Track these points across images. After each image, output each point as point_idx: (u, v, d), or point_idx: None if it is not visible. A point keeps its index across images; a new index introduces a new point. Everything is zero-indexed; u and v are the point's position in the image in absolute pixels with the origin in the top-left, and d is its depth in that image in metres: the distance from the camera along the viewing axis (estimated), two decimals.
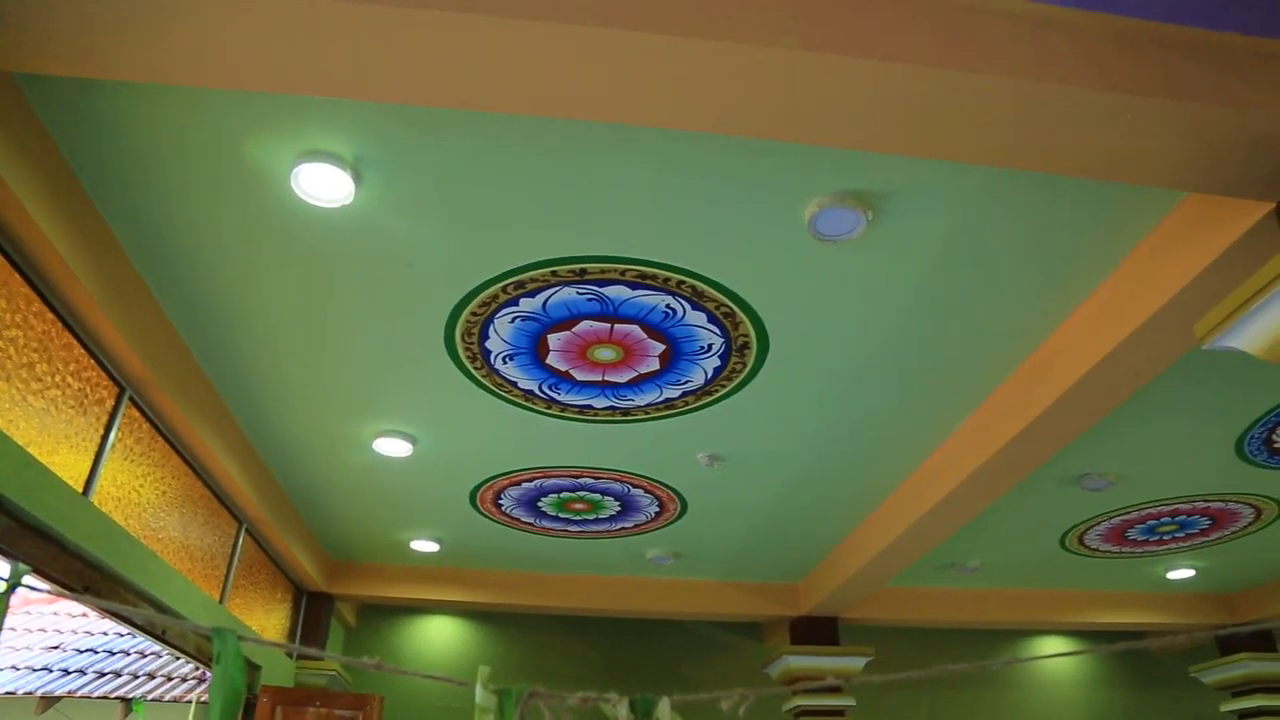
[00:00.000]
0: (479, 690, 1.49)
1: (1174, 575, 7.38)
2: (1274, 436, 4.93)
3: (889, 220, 3.18)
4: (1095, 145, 2.56)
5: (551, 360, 4.06)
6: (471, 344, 3.95)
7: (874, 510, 5.71)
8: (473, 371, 4.17)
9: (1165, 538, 6.48)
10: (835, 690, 7.11)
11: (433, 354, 4.03)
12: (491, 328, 3.85)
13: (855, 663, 7.10)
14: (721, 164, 2.95)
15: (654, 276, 3.51)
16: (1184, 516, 6.06)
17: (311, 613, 6.75)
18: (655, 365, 4.09)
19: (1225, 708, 7.94)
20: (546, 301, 3.67)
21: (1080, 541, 6.47)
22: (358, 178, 3.00)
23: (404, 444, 4.82)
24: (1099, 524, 6.12)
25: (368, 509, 5.78)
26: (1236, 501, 5.85)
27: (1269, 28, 2.60)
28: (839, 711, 7.08)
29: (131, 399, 3.91)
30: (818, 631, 7.22)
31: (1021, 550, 6.61)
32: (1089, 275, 3.51)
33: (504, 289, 3.60)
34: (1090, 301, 3.62)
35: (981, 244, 3.33)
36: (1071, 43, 2.45)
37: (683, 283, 3.54)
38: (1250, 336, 2.66)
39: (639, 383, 4.23)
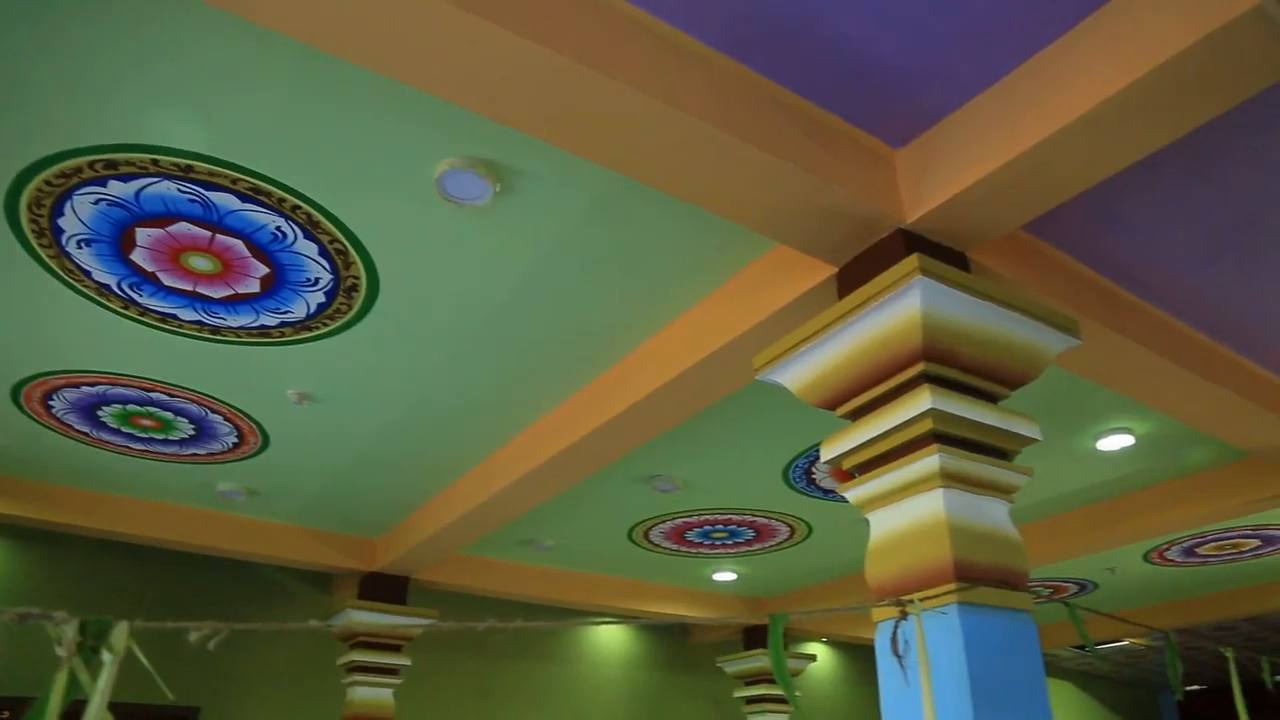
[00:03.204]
0: None
1: (719, 577, 8.26)
2: (813, 469, 5.68)
3: (515, 197, 3.23)
4: (705, 178, 2.77)
5: (137, 257, 3.65)
6: (40, 217, 3.44)
7: (460, 477, 5.78)
8: (37, 249, 3.63)
9: (717, 543, 7.23)
10: (394, 649, 7.12)
11: None
12: (68, 205, 3.38)
13: (418, 624, 7.14)
14: (360, 98, 2.83)
15: (268, 194, 3.28)
16: (734, 526, 6.80)
17: None
18: (255, 288, 3.83)
19: (737, 694, 9.07)
20: (141, 191, 3.30)
21: (646, 536, 7.02)
22: None
23: None
24: (663, 523, 6.69)
25: None
26: (778, 519, 6.67)
27: (863, 120, 2.98)
28: (393, 670, 7.10)
29: None
30: (387, 589, 7.16)
31: (593, 537, 7.04)
32: (686, 295, 3.82)
33: (91, 165, 3.17)
34: (684, 319, 3.94)
35: (597, 243, 3.50)
36: (707, 80, 2.63)
37: (298, 208, 3.35)
38: (792, 375, 3.04)
39: (235, 302, 3.94)
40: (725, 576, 8.24)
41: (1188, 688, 14.81)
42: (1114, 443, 5.41)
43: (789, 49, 2.70)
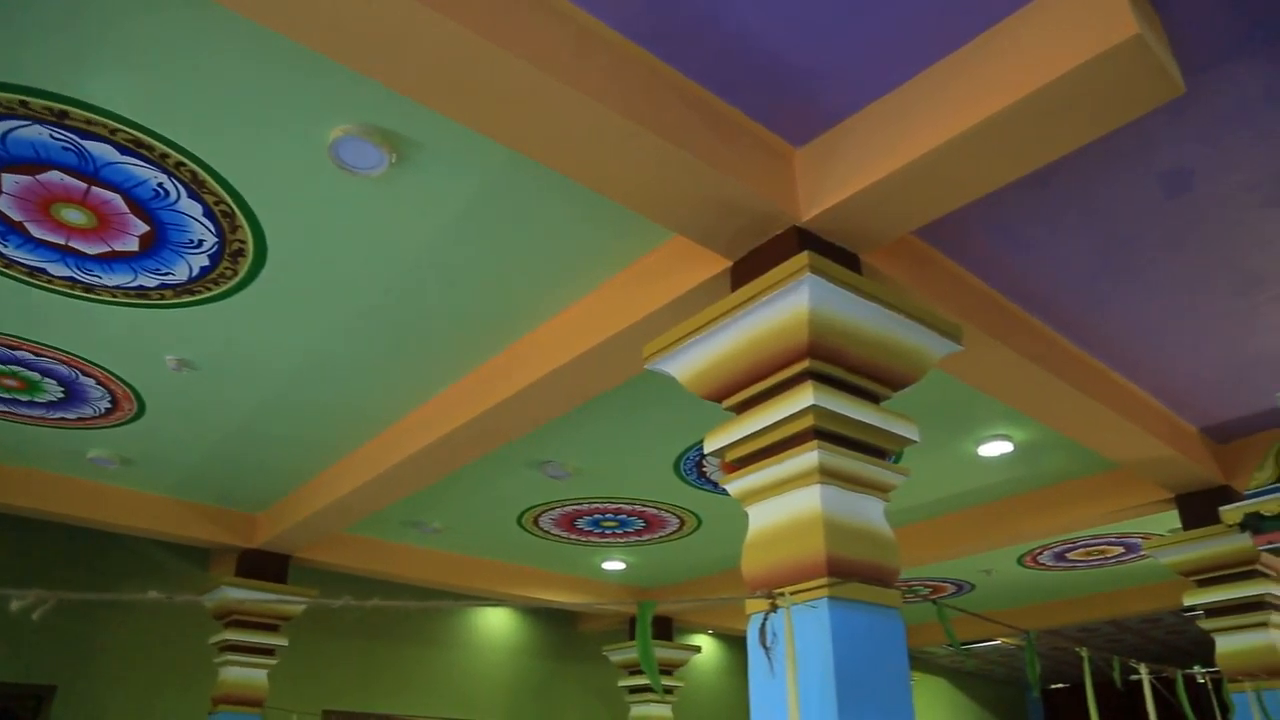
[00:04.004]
0: None
1: (609, 566, 8.27)
2: (704, 462, 5.73)
3: (412, 170, 3.15)
4: (603, 163, 2.73)
5: (2, 204, 3.44)
6: None
7: (348, 453, 5.64)
8: None
9: (607, 532, 7.23)
10: (271, 629, 6.91)
11: None
12: None
13: (297, 603, 6.94)
14: (256, 55, 2.72)
15: (150, 148, 3.13)
16: (625, 516, 6.81)
17: None
18: (134, 246, 3.65)
19: (622, 683, 9.10)
20: (7, 134, 3.10)
21: (536, 523, 6.98)
22: None
23: None
24: (554, 509, 6.66)
25: None
26: (668, 511, 6.71)
27: (765, 117, 3.00)
28: (269, 650, 6.89)
29: None
30: (267, 567, 6.94)
31: (482, 521, 6.96)
32: (583, 280, 3.80)
33: None
34: (579, 304, 3.91)
35: (495, 222, 3.44)
36: (609, 63, 2.60)
37: (183, 165, 3.20)
38: (680, 366, 3.05)
39: (111, 260, 3.74)
40: (614, 566, 8.26)
41: (1052, 685, 15.54)
42: (994, 449, 5.60)
43: (695, 40, 2.70)
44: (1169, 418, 5.15)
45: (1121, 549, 8.02)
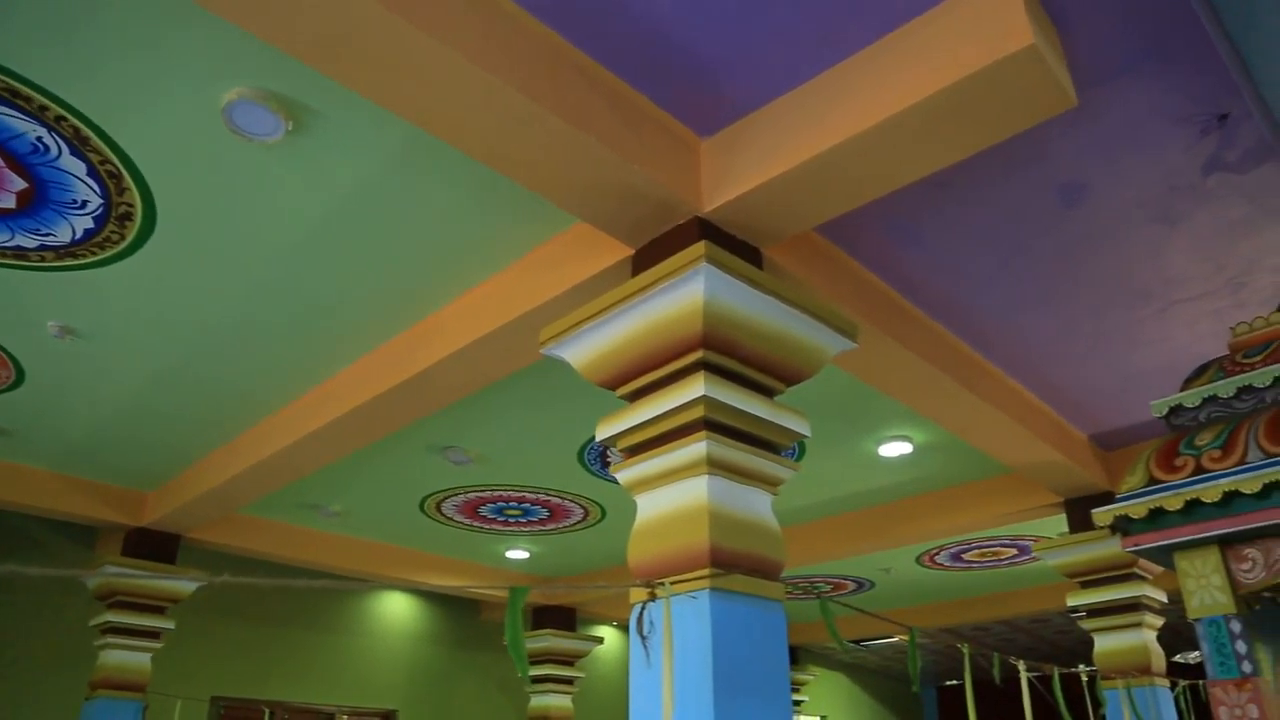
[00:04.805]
0: None
1: (512, 554, 8.20)
2: (608, 452, 5.71)
3: (309, 139, 3.05)
4: (501, 141, 2.68)
5: None
6: None
7: (244, 431, 5.46)
8: None
9: (510, 520, 7.17)
10: (157, 611, 6.67)
11: None
12: None
13: (185, 585, 6.72)
14: (145, 6, 2.58)
15: (29, 99, 2.96)
16: (528, 504, 6.76)
17: None
18: (11, 203, 3.46)
19: (531, 673, 9.04)
20: None
21: (438, 509, 6.87)
22: None
23: None
24: (457, 496, 6.57)
25: None
26: (572, 500, 6.68)
27: (672, 105, 2.99)
28: (154, 633, 6.65)
29: None
30: (155, 547, 6.68)
31: (383, 505, 6.82)
32: (485, 263, 3.74)
33: None
34: (482, 287, 3.86)
35: (392, 200, 3.37)
36: (511, 39, 2.55)
37: (64, 119, 3.04)
38: (576, 352, 3.02)
39: None
40: (518, 555, 8.19)
41: (947, 682, 16.00)
42: (894, 449, 5.70)
43: (603, 23, 2.67)
44: (1060, 424, 5.32)
45: (1014, 551, 8.27)
